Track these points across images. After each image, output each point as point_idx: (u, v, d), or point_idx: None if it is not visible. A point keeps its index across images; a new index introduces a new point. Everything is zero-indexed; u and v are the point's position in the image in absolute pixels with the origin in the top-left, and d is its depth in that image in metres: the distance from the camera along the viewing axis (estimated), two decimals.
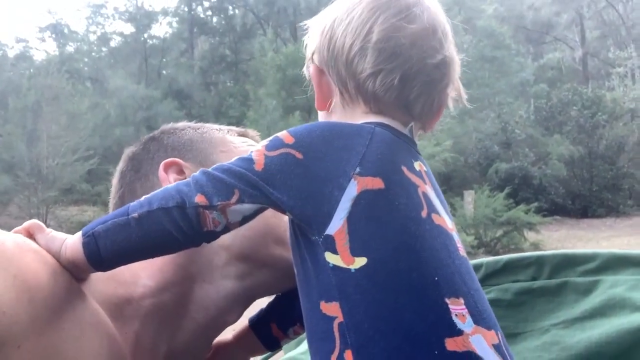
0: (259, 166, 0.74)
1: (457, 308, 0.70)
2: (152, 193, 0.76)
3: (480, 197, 16.98)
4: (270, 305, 0.98)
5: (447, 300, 0.70)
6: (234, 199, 0.74)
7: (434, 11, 0.86)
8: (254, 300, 0.92)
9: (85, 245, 0.73)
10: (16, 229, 0.78)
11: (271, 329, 0.96)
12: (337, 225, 0.72)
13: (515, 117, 22.80)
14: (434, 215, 0.76)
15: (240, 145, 1.00)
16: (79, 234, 0.75)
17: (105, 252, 0.73)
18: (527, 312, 1.09)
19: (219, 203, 0.73)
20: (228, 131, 1.04)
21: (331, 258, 0.71)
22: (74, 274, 0.75)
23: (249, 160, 0.75)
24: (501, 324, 1.09)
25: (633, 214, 21.05)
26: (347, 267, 0.70)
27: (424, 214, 0.75)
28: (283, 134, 0.77)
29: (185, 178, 0.91)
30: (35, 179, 22.01)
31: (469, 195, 17.66)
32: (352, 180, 0.73)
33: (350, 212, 0.72)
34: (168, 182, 0.94)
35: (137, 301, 0.81)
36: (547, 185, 20.78)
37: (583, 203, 21.58)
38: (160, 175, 0.94)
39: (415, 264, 0.71)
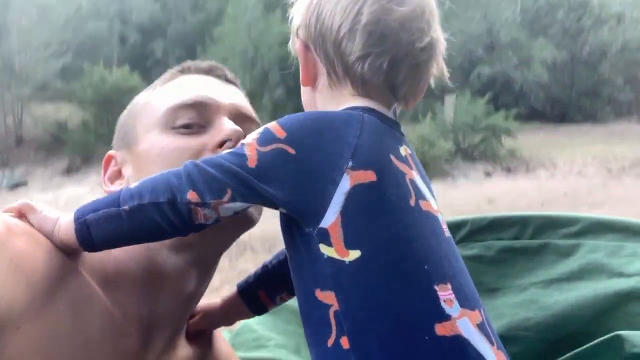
0: (251, 162, 0.74)
1: (445, 294, 0.73)
2: (141, 182, 0.76)
3: (461, 103, 17.00)
4: (258, 273, 0.99)
5: (436, 287, 0.73)
6: (226, 197, 0.73)
7: None
8: (209, 261, 0.93)
9: (78, 231, 0.74)
10: (7, 207, 0.78)
11: (259, 296, 0.99)
12: (331, 218, 0.72)
13: (501, 19, 22.38)
14: (421, 202, 0.78)
15: (162, 102, 0.93)
16: (71, 217, 0.75)
17: (97, 239, 0.75)
18: (507, 270, 1.13)
19: (211, 201, 0.73)
20: (163, 82, 0.98)
21: (325, 250, 0.72)
22: (66, 252, 0.76)
23: (242, 156, 0.74)
24: (483, 279, 1.15)
25: (610, 122, 21.38)
26: (342, 259, 0.72)
27: (412, 202, 0.76)
28: (274, 127, 0.76)
29: (120, 172, 0.95)
30: (8, 76, 21.36)
31: (450, 100, 17.66)
32: (345, 174, 0.73)
33: (343, 206, 0.72)
34: (105, 184, 0.95)
35: (117, 271, 0.83)
36: (528, 91, 20.86)
37: (562, 109, 21.79)
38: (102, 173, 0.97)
39: (407, 254, 0.73)
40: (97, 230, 0.74)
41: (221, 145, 0.87)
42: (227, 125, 0.89)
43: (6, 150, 23.69)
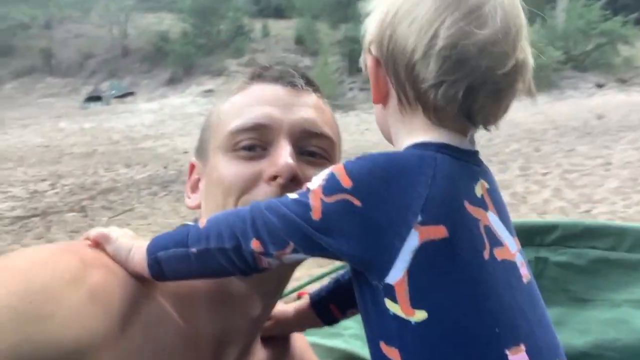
0: (315, 214, 0.71)
1: (516, 358, 0.70)
2: (208, 222, 0.77)
3: (574, 6, 15.57)
4: (330, 287, 1.00)
5: (508, 352, 0.69)
6: (289, 249, 0.72)
7: (508, 7, 0.75)
8: (273, 289, 0.94)
9: (150, 266, 0.77)
10: (85, 235, 0.82)
11: (330, 309, 1.00)
12: (397, 275, 0.69)
13: None
14: (496, 250, 0.72)
15: (227, 122, 0.91)
16: (144, 249, 0.78)
17: (168, 274, 0.78)
18: (600, 281, 1.06)
19: (274, 252, 0.73)
20: (236, 91, 0.96)
21: (391, 306, 0.70)
22: (139, 279, 0.79)
23: (305, 206, 0.72)
24: (571, 288, 1.09)
25: None
26: (407, 318, 0.69)
27: (486, 254, 0.71)
28: (340, 173, 0.72)
29: (198, 183, 0.97)
30: None
31: (562, 3, 16.22)
32: (413, 230, 0.68)
33: (411, 265, 0.68)
34: (186, 194, 0.99)
35: (189, 293, 0.86)
36: None
37: None
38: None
39: (477, 316, 0.69)
40: (167, 267, 0.77)
41: (274, 179, 0.85)
42: (281, 159, 0.85)
43: (114, 60, 24.88)
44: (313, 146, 0.90)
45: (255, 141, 0.88)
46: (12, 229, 7.17)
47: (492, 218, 0.74)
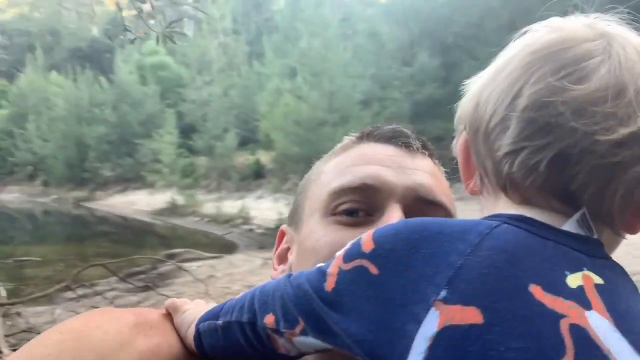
0: (329, 285, 0.59)
1: None
2: (241, 295, 0.71)
3: None
4: None
5: None
6: (298, 329, 0.62)
7: (622, 60, 0.59)
8: None
9: (194, 339, 0.73)
10: (166, 303, 0.80)
11: None
12: None
13: None
14: None
15: (328, 181, 0.82)
16: (195, 323, 0.73)
17: (208, 349, 0.72)
18: None
19: (284, 330, 0.63)
20: (341, 150, 0.87)
21: None
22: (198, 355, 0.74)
23: (322, 276, 0.61)
24: None
25: None
26: None
27: None
28: (366, 237, 0.60)
29: (287, 252, 0.88)
30: None
31: None
32: (433, 309, 0.52)
33: (426, 358, 0.51)
34: (274, 263, 0.90)
35: None
36: None
37: None
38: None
39: None
40: (205, 340, 0.72)
41: None
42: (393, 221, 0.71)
43: None
44: (427, 217, 0.75)
45: (359, 205, 0.78)
46: None
47: (596, 320, 0.52)
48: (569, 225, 0.58)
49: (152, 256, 12.01)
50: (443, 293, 0.52)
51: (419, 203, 0.78)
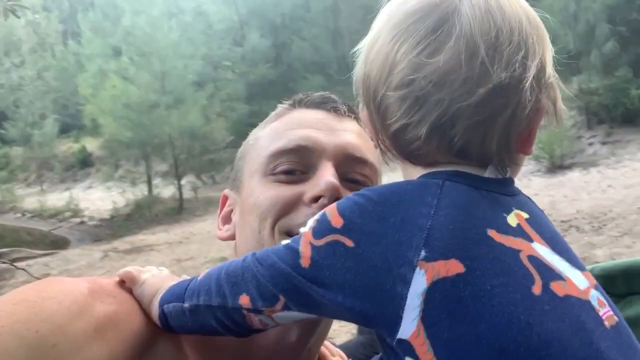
0: (305, 261, 0.62)
1: None
2: (204, 275, 0.73)
3: None
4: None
5: None
6: (279, 305, 0.64)
7: (471, 18, 0.64)
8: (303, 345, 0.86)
9: (159, 318, 0.73)
10: (118, 272, 0.79)
11: None
12: (410, 328, 0.57)
13: None
14: (553, 285, 0.59)
15: (265, 146, 0.88)
16: (157, 301, 0.74)
17: (176, 329, 0.73)
18: None
19: (263, 309, 0.65)
20: (274, 118, 0.93)
21: None
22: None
23: (295, 253, 0.63)
24: None
25: None
26: None
27: (536, 289, 0.57)
28: (332, 212, 0.64)
29: (231, 214, 0.92)
30: (344, 76, 20.25)
31: None
32: (418, 269, 0.57)
33: (424, 312, 0.57)
34: (218, 226, 0.94)
35: (213, 339, 0.80)
36: None
37: None
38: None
39: None
40: (172, 321, 0.73)
41: (316, 200, 0.79)
42: (324, 178, 0.80)
43: None
44: (357, 173, 0.85)
45: (295, 165, 0.84)
46: None
47: (540, 249, 0.62)
48: (490, 172, 0.66)
49: None
50: (423, 253, 0.58)
51: (348, 160, 0.86)
